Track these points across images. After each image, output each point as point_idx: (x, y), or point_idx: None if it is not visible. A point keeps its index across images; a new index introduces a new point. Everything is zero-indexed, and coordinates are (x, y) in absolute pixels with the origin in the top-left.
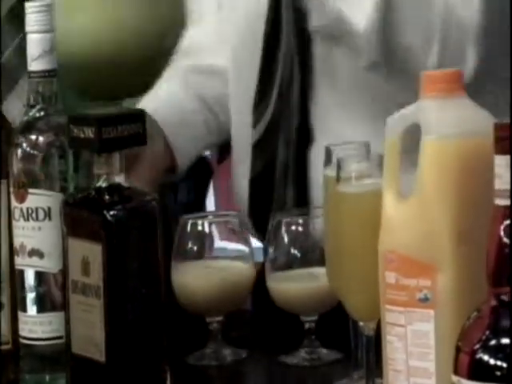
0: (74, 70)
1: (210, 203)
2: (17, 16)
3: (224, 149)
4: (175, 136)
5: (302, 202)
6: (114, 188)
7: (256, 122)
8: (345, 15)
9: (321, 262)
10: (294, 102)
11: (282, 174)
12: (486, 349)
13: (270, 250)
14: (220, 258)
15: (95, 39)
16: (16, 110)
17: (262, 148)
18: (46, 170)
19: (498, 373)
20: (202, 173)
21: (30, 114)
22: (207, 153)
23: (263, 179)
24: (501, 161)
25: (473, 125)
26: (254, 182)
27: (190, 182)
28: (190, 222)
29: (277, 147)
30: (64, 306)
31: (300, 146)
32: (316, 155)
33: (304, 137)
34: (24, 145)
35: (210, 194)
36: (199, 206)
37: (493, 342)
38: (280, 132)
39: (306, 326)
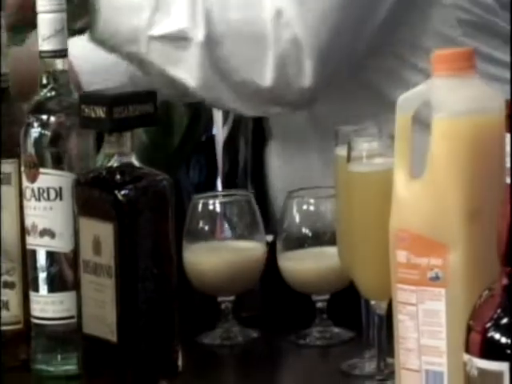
0: None
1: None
2: None
3: None
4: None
5: (261, 200)
6: (125, 167)
7: (224, 120)
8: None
9: (332, 241)
10: None
11: (242, 173)
12: (498, 327)
13: (282, 230)
14: (231, 237)
15: None
16: None
17: (229, 147)
18: (58, 150)
19: (510, 351)
20: (211, 152)
21: (42, 94)
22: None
23: (230, 177)
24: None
25: (484, 103)
26: (225, 180)
27: (201, 160)
28: (201, 201)
29: (238, 147)
30: (75, 286)
31: (257, 146)
32: (270, 153)
33: (260, 136)
34: (35, 124)
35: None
36: (210, 186)
37: (504, 321)
38: (240, 132)
39: (318, 305)
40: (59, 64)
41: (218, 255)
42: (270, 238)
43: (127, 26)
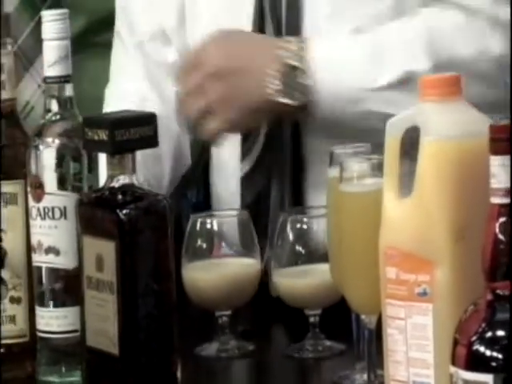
0: None
1: None
2: (31, 5)
3: None
4: None
5: None
6: (126, 188)
7: (244, 155)
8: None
9: (324, 258)
10: (285, 135)
11: (277, 205)
12: (483, 341)
13: (276, 247)
14: (228, 255)
15: None
16: (31, 89)
17: (252, 180)
18: (62, 171)
19: (494, 364)
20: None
21: (46, 117)
22: None
23: (253, 210)
24: (496, 161)
25: (469, 126)
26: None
27: (199, 183)
28: (199, 220)
29: (268, 179)
30: (79, 301)
31: (294, 177)
32: (309, 185)
33: (297, 168)
34: (40, 147)
35: None
36: (207, 205)
37: (489, 335)
38: (272, 164)
39: (311, 319)
40: (63, 89)
41: (215, 272)
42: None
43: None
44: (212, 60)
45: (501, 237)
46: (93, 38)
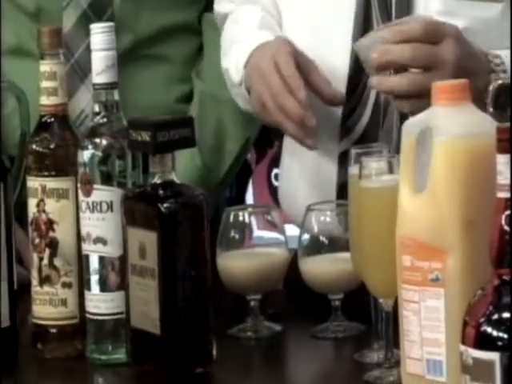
0: None
1: (249, 197)
2: (87, 22)
3: (260, 152)
4: None
5: None
6: (167, 184)
7: (344, 135)
8: None
9: (346, 247)
10: (394, 119)
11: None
12: (490, 322)
13: (303, 238)
14: (258, 245)
15: None
16: (86, 99)
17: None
18: (108, 169)
19: (500, 343)
20: (242, 171)
21: (95, 120)
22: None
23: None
24: (502, 159)
25: (477, 128)
26: (341, 189)
27: (232, 179)
28: (232, 213)
29: None
30: (124, 286)
31: None
32: None
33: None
34: (89, 147)
35: (250, 189)
36: (240, 200)
37: (495, 317)
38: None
39: (333, 303)
40: (110, 95)
41: (247, 260)
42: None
43: None
44: (449, 51)
45: (507, 228)
46: (141, 51)
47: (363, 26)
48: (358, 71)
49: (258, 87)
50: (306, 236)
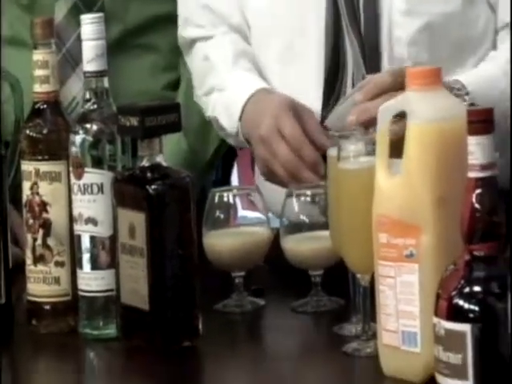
0: None
1: (234, 179)
2: (78, 13)
3: None
4: None
5: None
6: (154, 167)
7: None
8: None
9: (325, 226)
10: None
11: None
12: (461, 295)
13: (284, 217)
14: (242, 224)
15: None
16: (77, 87)
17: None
18: (99, 153)
19: (471, 315)
20: (227, 154)
21: (86, 106)
22: None
23: None
24: (473, 140)
25: (449, 111)
26: None
27: (218, 163)
28: (217, 194)
29: None
30: (114, 264)
31: None
32: None
33: None
34: (81, 132)
35: (234, 172)
36: (225, 182)
37: (467, 290)
38: None
39: (313, 279)
40: (100, 82)
41: (231, 239)
42: (275, 224)
43: None
44: None
45: (477, 206)
46: (129, 41)
47: (333, 30)
48: (332, 77)
49: (262, 153)
50: (287, 215)
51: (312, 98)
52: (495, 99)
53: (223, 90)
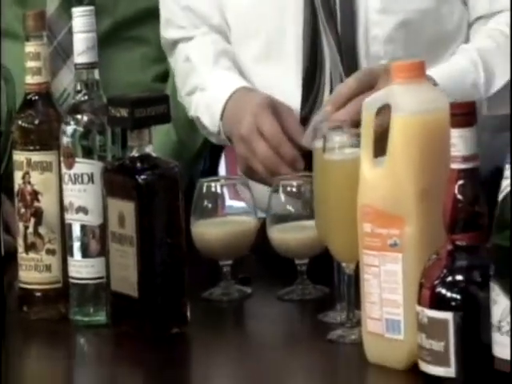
0: None
1: (222, 169)
2: (69, 6)
3: None
4: None
5: None
6: (144, 157)
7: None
8: None
9: (311, 216)
10: None
11: None
12: (444, 284)
13: (271, 207)
14: (229, 213)
15: None
16: (68, 79)
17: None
18: (89, 143)
19: (453, 303)
20: (215, 145)
21: (76, 98)
22: None
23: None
24: (456, 133)
25: (433, 104)
26: None
27: (206, 153)
28: (205, 184)
29: None
30: (104, 253)
31: None
32: None
33: None
34: (72, 123)
35: (222, 162)
36: (213, 172)
37: (449, 279)
38: None
39: (299, 267)
40: (91, 74)
41: (219, 228)
42: (260, 215)
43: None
44: None
45: (459, 197)
46: (119, 34)
47: (311, 30)
48: (310, 76)
49: (241, 151)
50: (274, 205)
51: (291, 97)
52: (466, 91)
53: (204, 90)
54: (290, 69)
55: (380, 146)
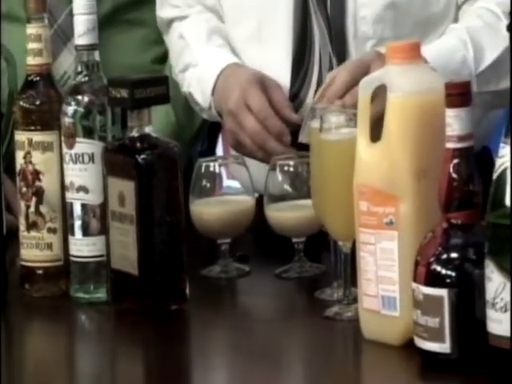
0: None
1: (219, 150)
2: None
3: None
4: None
5: None
6: (143, 137)
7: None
8: None
9: (308, 195)
10: None
11: None
12: (439, 262)
13: (268, 187)
14: (227, 193)
15: None
16: (68, 61)
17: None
18: (90, 123)
19: (448, 280)
20: (213, 126)
21: (77, 79)
22: None
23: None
24: (450, 113)
25: (428, 84)
26: None
27: (204, 134)
28: (204, 164)
29: None
30: (104, 231)
31: None
32: None
33: None
34: (72, 103)
35: (220, 142)
36: (211, 152)
37: (444, 256)
38: None
39: (296, 246)
40: (91, 55)
41: (217, 207)
42: (256, 194)
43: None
44: None
45: (454, 176)
46: (119, 16)
47: (302, 11)
48: (300, 56)
49: (230, 125)
50: (271, 184)
51: (281, 76)
52: (456, 68)
53: (196, 66)
54: (280, 49)
55: (376, 132)
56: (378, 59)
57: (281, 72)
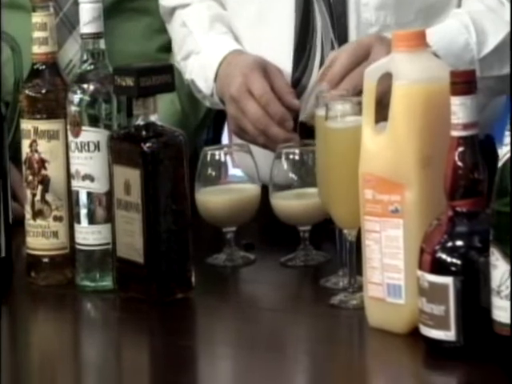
0: None
1: (225, 138)
2: None
3: None
4: None
5: None
6: (149, 125)
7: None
8: None
9: (313, 183)
10: None
11: None
12: (444, 249)
13: (274, 175)
14: (233, 181)
15: None
16: (74, 50)
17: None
18: (95, 112)
19: (453, 268)
20: (218, 115)
21: (83, 67)
22: None
23: None
24: (456, 101)
25: (433, 73)
26: None
27: (209, 123)
28: (209, 152)
29: None
30: (110, 219)
31: None
32: None
33: None
34: (78, 92)
35: (225, 131)
36: (216, 140)
37: (449, 244)
38: None
39: (302, 234)
40: (97, 44)
41: (222, 195)
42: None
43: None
44: None
45: (459, 163)
46: (124, 4)
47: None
48: (302, 42)
49: (232, 111)
50: (276, 173)
51: (283, 62)
52: (458, 52)
53: (199, 53)
54: (282, 35)
55: (379, 113)
56: (379, 42)
57: (283, 58)
